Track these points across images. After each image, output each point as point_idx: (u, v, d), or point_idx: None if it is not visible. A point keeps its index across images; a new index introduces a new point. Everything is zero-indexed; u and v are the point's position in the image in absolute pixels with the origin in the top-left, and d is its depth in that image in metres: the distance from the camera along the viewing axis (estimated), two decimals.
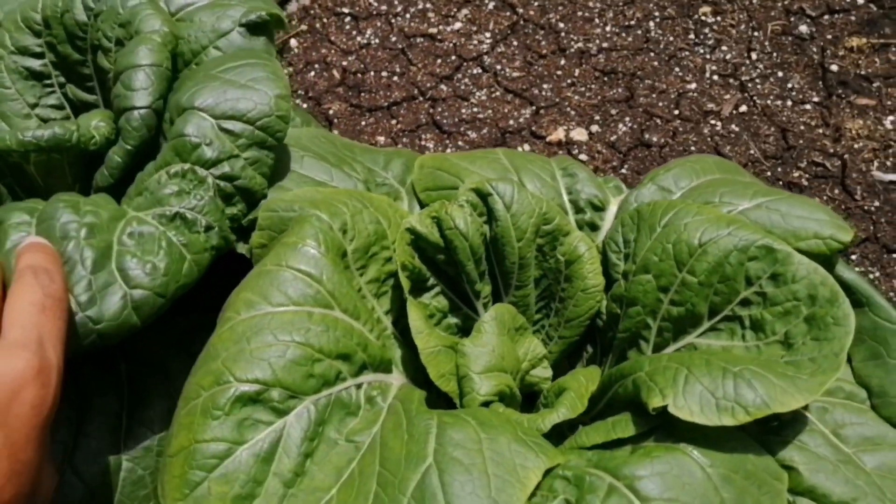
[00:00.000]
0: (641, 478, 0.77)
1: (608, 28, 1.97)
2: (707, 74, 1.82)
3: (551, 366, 1.05)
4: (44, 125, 1.06)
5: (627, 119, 1.73)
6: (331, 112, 1.76)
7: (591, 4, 2.06)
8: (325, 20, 2.04)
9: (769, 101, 1.75)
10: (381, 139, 1.74)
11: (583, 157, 1.65)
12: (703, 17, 1.96)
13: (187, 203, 0.97)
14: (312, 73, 1.85)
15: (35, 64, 1.22)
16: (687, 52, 1.89)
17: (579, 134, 1.71)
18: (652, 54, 1.89)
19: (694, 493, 0.77)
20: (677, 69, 1.84)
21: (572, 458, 0.82)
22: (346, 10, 2.07)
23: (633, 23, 1.98)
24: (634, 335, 0.97)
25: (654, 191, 1.08)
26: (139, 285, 0.89)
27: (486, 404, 0.92)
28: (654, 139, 1.67)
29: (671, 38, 1.92)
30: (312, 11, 2.05)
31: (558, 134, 1.70)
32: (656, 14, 1.98)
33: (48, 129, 1.05)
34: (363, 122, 1.75)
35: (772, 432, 0.86)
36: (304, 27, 1.96)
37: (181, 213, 0.96)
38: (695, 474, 0.78)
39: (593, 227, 1.09)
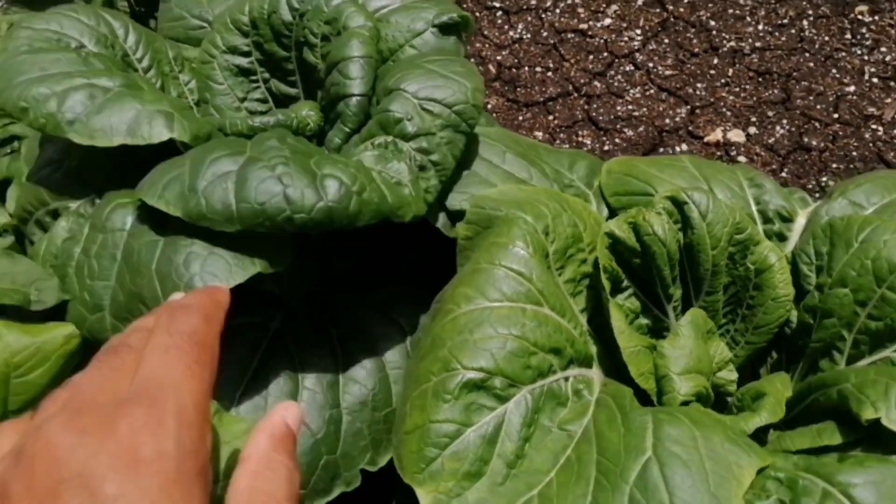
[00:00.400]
0: (856, 485, 0.81)
1: (760, 27, 1.97)
2: (866, 77, 1.81)
3: (736, 369, 1.10)
4: (269, 113, 1.16)
5: (785, 121, 1.74)
6: (489, 107, 1.83)
7: (741, 2, 2.06)
8: (476, 14, 2.10)
9: None
10: (539, 134, 1.80)
11: (741, 158, 1.67)
12: (859, 17, 1.94)
13: (387, 167, 1.05)
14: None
15: (243, 62, 1.33)
16: (844, 53, 1.88)
17: (736, 135, 1.73)
18: (807, 55, 1.89)
19: None
20: (834, 70, 1.84)
21: (779, 460, 0.87)
22: (496, 4, 2.12)
23: (785, 21, 1.98)
24: (828, 345, 1.01)
25: (844, 205, 1.11)
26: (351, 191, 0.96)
27: (685, 403, 0.98)
28: (814, 143, 1.67)
29: (826, 38, 1.91)
30: (465, 5, 2.12)
31: (716, 135, 1.73)
32: (810, 13, 1.97)
33: (273, 116, 1.16)
34: (520, 117, 1.81)
35: None
36: None
37: (378, 171, 1.05)
38: None
39: (781, 238, 1.13)
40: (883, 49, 1.87)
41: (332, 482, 1.08)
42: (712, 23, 2.00)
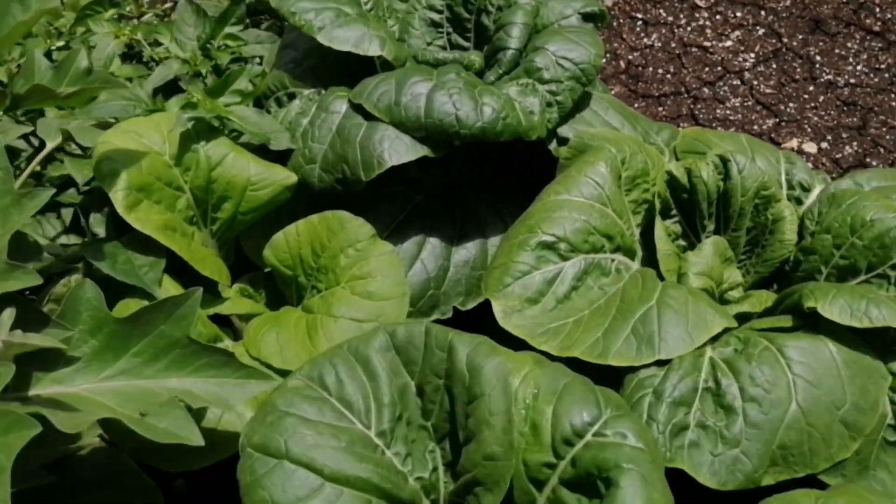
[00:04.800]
0: (788, 346, 1.21)
1: (859, 67, 2.31)
2: None
3: (743, 292, 1.49)
4: (445, 51, 1.64)
5: (855, 143, 2.08)
6: (612, 92, 2.25)
7: (849, 45, 2.39)
8: (620, 20, 2.52)
9: None
10: None
11: (808, 165, 2.03)
12: None
13: (525, 100, 1.50)
14: (603, 61, 2.35)
15: (436, 16, 1.81)
16: None
17: (809, 147, 2.08)
18: (892, 95, 2.21)
19: (821, 365, 1.20)
20: None
21: (744, 330, 1.27)
22: (639, 16, 2.54)
23: (882, 66, 2.30)
24: (808, 276, 1.39)
25: (849, 183, 1.48)
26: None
27: None
28: (874, 163, 2.01)
29: None
30: (613, 12, 2.54)
31: (792, 143, 2.09)
32: None
33: (451, 54, 1.63)
34: (635, 105, 2.23)
35: (889, 352, 1.26)
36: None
37: (519, 101, 1.50)
38: (825, 354, 1.21)
39: (798, 202, 1.51)
40: None
41: (433, 308, 1.55)
42: (818, 58, 2.34)
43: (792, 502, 1.01)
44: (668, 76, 2.34)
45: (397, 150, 1.41)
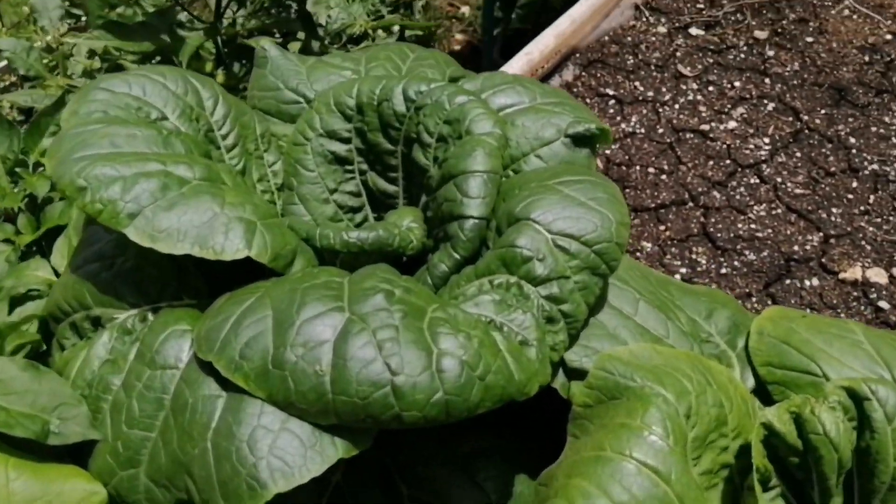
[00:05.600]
0: None
1: None
2: None
3: None
4: (367, 227, 0.99)
5: None
6: None
7: (886, 119, 1.84)
8: (587, 100, 1.93)
9: None
10: (648, 245, 1.60)
11: (883, 303, 1.45)
12: None
13: (508, 316, 0.86)
14: None
15: (341, 149, 1.16)
16: None
17: (877, 275, 1.51)
18: None
19: None
20: None
21: None
22: (610, 92, 1.95)
23: None
24: None
25: None
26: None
27: None
28: None
29: None
30: (575, 90, 1.95)
31: (854, 272, 1.51)
32: None
33: (372, 231, 0.98)
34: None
35: None
36: None
37: (499, 324, 0.86)
38: None
39: None
40: None
41: None
42: (852, 140, 1.79)
43: None
44: (664, 177, 1.74)
45: (284, 458, 0.75)
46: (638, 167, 1.77)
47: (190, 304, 0.88)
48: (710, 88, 1.96)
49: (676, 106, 1.91)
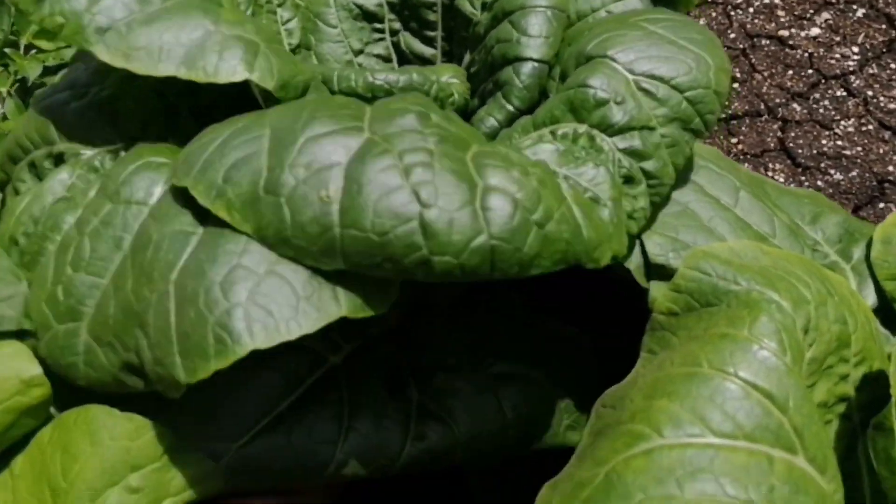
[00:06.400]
0: None
1: None
2: None
3: None
4: (398, 69, 0.79)
5: None
6: None
7: None
8: None
9: None
10: None
11: None
12: None
13: (575, 170, 0.67)
14: None
15: (370, 2, 0.96)
16: None
17: None
18: None
19: None
20: None
21: None
22: None
23: None
24: None
25: None
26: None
27: None
28: None
29: None
30: None
31: None
32: None
33: (404, 74, 0.78)
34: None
35: None
36: None
37: (563, 176, 0.66)
38: None
39: None
40: None
41: None
42: None
43: None
44: (736, 85, 1.53)
45: (269, 307, 0.55)
46: None
47: (174, 144, 0.69)
48: None
49: (751, 10, 1.68)
